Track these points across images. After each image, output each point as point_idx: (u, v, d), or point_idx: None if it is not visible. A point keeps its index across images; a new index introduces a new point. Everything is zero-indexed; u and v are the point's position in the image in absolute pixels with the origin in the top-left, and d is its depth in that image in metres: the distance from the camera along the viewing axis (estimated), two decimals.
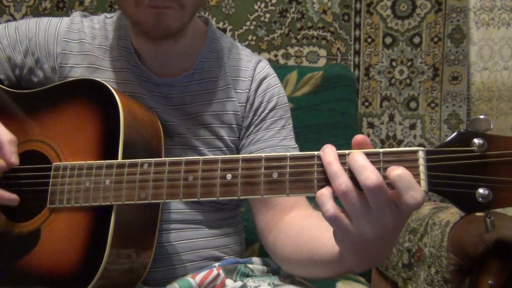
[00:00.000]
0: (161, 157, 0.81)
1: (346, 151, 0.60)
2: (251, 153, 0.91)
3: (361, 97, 1.76)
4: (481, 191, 0.56)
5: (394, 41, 1.74)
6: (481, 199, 0.56)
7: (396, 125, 1.76)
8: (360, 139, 0.60)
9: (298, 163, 0.62)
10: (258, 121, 0.93)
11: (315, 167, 0.61)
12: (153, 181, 0.69)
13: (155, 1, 0.77)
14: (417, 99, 1.76)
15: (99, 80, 0.81)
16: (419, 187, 0.56)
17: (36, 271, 0.76)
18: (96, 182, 0.73)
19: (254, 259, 0.93)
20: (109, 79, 0.88)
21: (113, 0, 1.72)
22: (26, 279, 0.76)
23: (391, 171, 0.56)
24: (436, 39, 1.74)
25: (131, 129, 0.77)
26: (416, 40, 1.74)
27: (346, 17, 1.74)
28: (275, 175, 0.62)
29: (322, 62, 1.75)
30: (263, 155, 0.64)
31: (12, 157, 0.76)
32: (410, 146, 1.74)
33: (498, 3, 1.72)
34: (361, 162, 0.56)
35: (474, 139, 0.56)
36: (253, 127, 0.93)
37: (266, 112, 0.93)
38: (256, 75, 0.94)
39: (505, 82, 1.73)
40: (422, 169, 0.57)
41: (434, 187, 0.57)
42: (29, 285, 0.76)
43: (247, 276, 0.90)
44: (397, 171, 0.55)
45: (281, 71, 1.34)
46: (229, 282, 0.87)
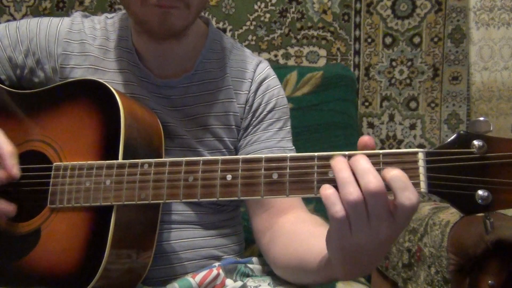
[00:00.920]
0: (162, 158, 0.81)
1: (346, 152, 0.60)
2: (248, 154, 0.91)
3: (361, 97, 1.76)
4: (480, 192, 0.56)
5: (394, 41, 1.74)
6: (480, 201, 0.56)
7: (396, 125, 1.76)
8: (366, 141, 0.60)
9: (298, 164, 0.62)
10: (256, 122, 0.93)
11: (315, 168, 0.61)
12: (153, 181, 0.69)
13: (161, 0, 0.77)
14: (417, 99, 1.76)
15: (99, 80, 0.81)
16: (414, 189, 0.56)
17: (36, 271, 0.76)
18: (96, 182, 0.73)
19: (254, 259, 0.93)
20: (109, 80, 0.88)
21: (113, 0, 1.72)
22: (26, 279, 0.76)
23: (388, 172, 0.56)
24: (436, 39, 1.74)
25: (132, 129, 0.77)
26: (416, 40, 1.74)
27: (346, 17, 1.74)
28: (275, 176, 0.62)
29: (322, 62, 1.75)
30: (263, 155, 0.64)
31: (13, 169, 0.75)
32: (410, 146, 1.74)
33: (498, 3, 1.72)
34: (364, 166, 0.56)
35: (474, 141, 0.56)
36: (251, 128, 0.93)
37: (264, 113, 0.93)
38: (256, 76, 0.94)
39: (505, 82, 1.73)
40: (422, 170, 0.57)
41: (434, 189, 0.57)
42: (29, 285, 0.76)
43: (247, 276, 0.90)
44: (393, 171, 0.56)
45: (281, 71, 1.34)
46: (229, 282, 0.88)
